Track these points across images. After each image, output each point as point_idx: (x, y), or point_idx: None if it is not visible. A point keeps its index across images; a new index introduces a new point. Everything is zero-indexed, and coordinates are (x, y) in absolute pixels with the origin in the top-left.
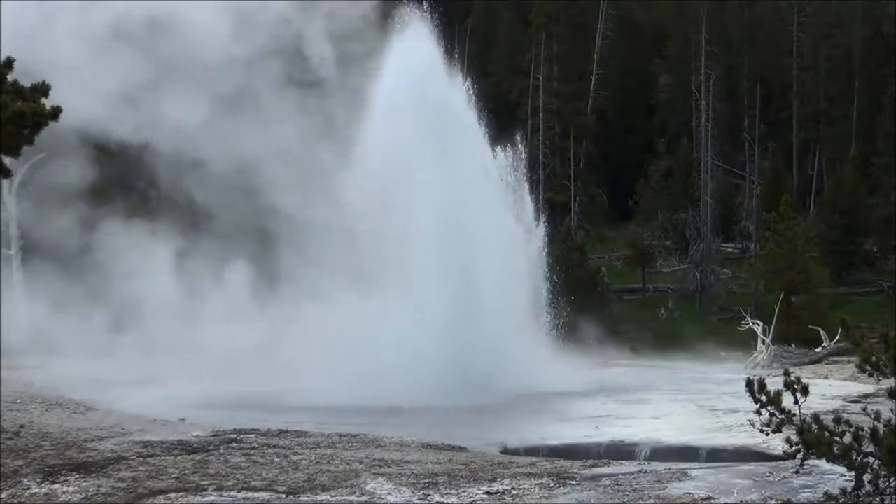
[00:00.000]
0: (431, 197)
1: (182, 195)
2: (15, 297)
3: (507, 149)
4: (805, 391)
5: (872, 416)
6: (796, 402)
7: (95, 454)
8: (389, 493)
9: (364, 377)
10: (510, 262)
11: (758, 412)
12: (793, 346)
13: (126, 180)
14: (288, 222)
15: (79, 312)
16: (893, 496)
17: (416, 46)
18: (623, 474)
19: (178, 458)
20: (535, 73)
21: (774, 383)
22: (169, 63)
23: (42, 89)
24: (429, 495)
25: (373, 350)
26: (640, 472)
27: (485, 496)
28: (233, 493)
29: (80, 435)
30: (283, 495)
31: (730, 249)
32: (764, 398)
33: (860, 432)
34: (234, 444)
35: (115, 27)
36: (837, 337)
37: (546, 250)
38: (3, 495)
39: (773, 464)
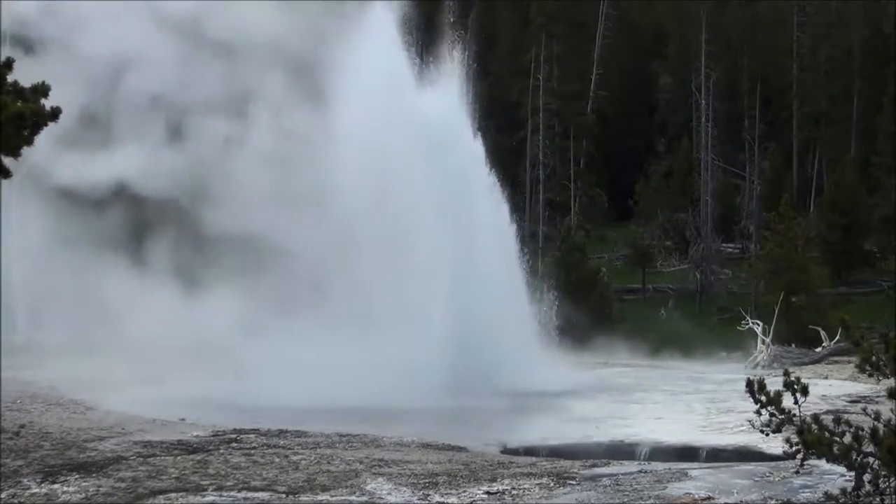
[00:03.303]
0: (428, 197)
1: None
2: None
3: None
4: (805, 391)
5: (872, 416)
6: (796, 402)
7: (95, 454)
8: (389, 493)
9: (363, 377)
10: (509, 261)
11: (758, 412)
12: (793, 346)
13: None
14: (284, 229)
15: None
16: (893, 496)
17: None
18: (623, 474)
19: (178, 458)
20: (535, 73)
21: (774, 383)
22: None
23: (42, 90)
24: (429, 495)
25: (372, 350)
26: (640, 472)
27: (485, 496)
28: (233, 493)
29: (80, 435)
30: (283, 495)
31: (730, 249)
32: (764, 398)
33: (860, 432)
34: (234, 444)
35: None
36: (837, 337)
37: (545, 250)
38: (3, 495)
39: (773, 464)
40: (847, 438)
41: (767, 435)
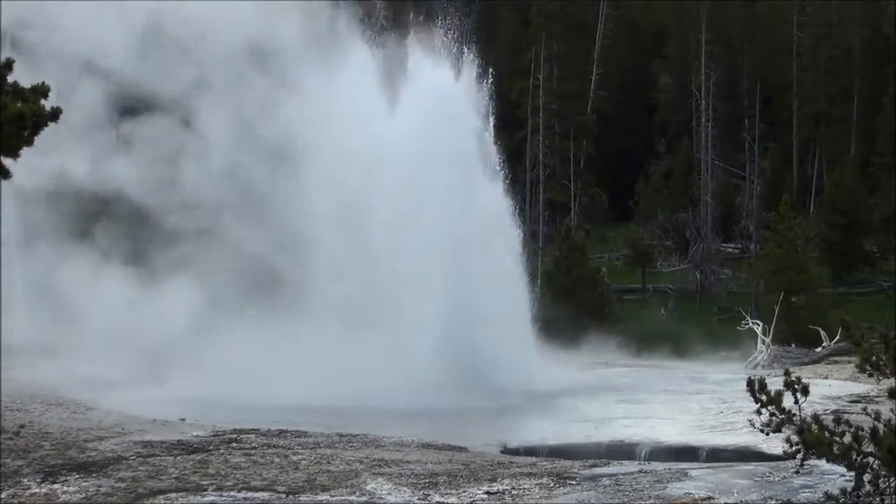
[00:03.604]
0: (428, 197)
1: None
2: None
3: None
4: (805, 391)
5: (872, 416)
6: (796, 402)
7: (95, 454)
8: (389, 493)
9: (363, 378)
10: (509, 261)
11: (758, 412)
12: (793, 346)
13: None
14: (286, 229)
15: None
16: (893, 496)
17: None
18: (623, 474)
19: (178, 458)
20: (535, 73)
21: (774, 383)
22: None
23: (42, 90)
24: (429, 495)
25: (372, 350)
26: (640, 472)
27: (485, 496)
28: (233, 493)
29: (80, 435)
30: (283, 495)
31: (730, 249)
32: (764, 398)
33: (860, 432)
34: (234, 444)
35: None
36: (837, 337)
37: (545, 250)
38: (3, 495)
39: (773, 464)
40: (847, 438)
41: (767, 435)
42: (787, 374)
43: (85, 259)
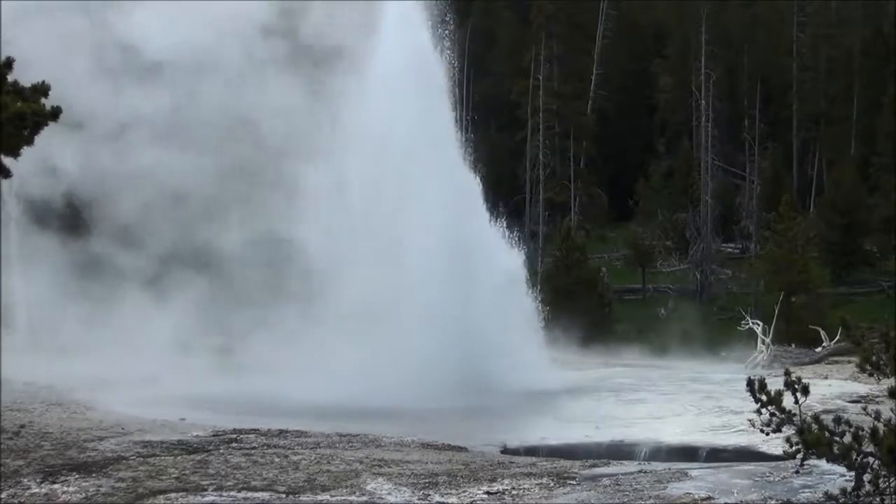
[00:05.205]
0: (428, 196)
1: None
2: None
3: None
4: (805, 391)
5: (872, 416)
6: (796, 402)
7: (95, 454)
8: (389, 493)
9: (363, 377)
10: (508, 261)
11: (758, 412)
12: (793, 346)
13: None
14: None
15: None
16: (893, 496)
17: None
18: (623, 474)
19: (178, 458)
20: (535, 73)
21: (774, 383)
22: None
23: (42, 90)
24: (429, 495)
25: (371, 350)
26: (640, 472)
27: (485, 496)
28: (233, 493)
29: (80, 435)
30: (283, 495)
31: (730, 249)
32: (764, 398)
33: (860, 432)
34: (234, 444)
35: None
36: (837, 337)
37: (545, 250)
38: (3, 495)
39: (773, 464)
40: (847, 438)
41: (767, 435)
42: (787, 374)
43: None
